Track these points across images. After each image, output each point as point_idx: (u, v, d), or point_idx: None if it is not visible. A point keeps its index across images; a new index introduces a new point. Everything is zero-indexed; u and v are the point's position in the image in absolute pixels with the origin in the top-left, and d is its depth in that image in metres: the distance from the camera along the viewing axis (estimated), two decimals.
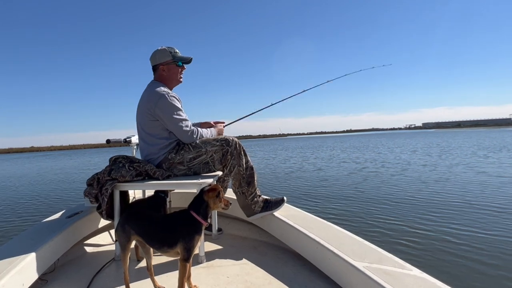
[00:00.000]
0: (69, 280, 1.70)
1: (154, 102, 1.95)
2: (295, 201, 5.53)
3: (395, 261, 1.40)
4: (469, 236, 3.43)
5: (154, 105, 1.95)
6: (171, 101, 1.96)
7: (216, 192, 1.45)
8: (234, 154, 2.03)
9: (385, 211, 4.60)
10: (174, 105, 1.97)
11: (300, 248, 1.80)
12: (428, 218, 4.13)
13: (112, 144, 2.54)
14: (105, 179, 1.86)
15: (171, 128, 1.99)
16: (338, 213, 4.66)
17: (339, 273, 1.48)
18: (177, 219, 1.42)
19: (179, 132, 1.99)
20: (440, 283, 1.21)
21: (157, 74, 2.11)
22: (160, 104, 1.94)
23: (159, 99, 1.95)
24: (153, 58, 2.10)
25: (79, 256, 2.03)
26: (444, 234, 3.51)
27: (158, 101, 1.94)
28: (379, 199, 5.47)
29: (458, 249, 3.10)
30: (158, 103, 1.94)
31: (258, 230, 2.26)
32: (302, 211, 2.13)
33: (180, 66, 2.11)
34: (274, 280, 1.61)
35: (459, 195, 5.44)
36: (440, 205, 4.80)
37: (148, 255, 1.51)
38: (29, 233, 1.81)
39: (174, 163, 2.01)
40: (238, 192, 2.10)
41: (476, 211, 4.40)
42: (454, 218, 4.10)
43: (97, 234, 2.36)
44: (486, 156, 12.10)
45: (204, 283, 1.59)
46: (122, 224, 1.46)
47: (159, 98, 1.95)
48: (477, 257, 2.88)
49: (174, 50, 2.09)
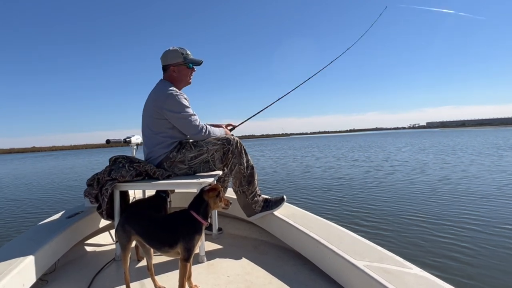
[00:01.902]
0: (69, 280, 1.70)
1: (162, 101, 1.96)
2: (295, 200, 5.53)
3: (396, 260, 1.40)
4: (469, 236, 3.43)
5: (162, 104, 1.96)
6: (179, 99, 1.98)
7: (216, 192, 1.45)
8: (235, 153, 2.04)
9: (385, 210, 4.60)
10: (182, 103, 1.98)
11: (301, 247, 1.80)
12: (429, 218, 4.12)
13: (112, 144, 2.54)
14: (105, 179, 1.86)
15: (180, 125, 2.00)
16: (338, 212, 4.66)
17: (340, 272, 1.48)
18: (177, 219, 1.42)
19: (189, 127, 2.00)
20: (441, 281, 1.21)
21: (166, 74, 2.13)
22: (169, 102, 1.96)
23: (167, 98, 1.96)
24: (164, 58, 2.11)
25: (80, 256, 2.03)
26: (445, 233, 3.50)
27: (167, 100, 1.96)
28: (379, 198, 5.47)
29: (459, 248, 3.09)
30: (166, 101, 1.96)
31: (258, 229, 2.26)
32: (302, 210, 2.13)
33: (191, 68, 2.13)
34: (275, 280, 1.61)
35: (463, 194, 5.44)
36: (440, 205, 4.80)
37: (149, 255, 1.51)
38: (29, 233, 1.81)
39: (175, 162, 2.01)
40: (238, 191, 2.10)
41: (477, 211, 4.40)
42: (455, 218, 4.10)
43: (97, 234, 2.36)
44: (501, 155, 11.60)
45: (204, 282, 1.59)
46: (122, 224, 1.46)
47: (167, 97, 1.96)
48: (477, 256, 2.88)
49: (186, 52, 2.11)
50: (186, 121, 1.98)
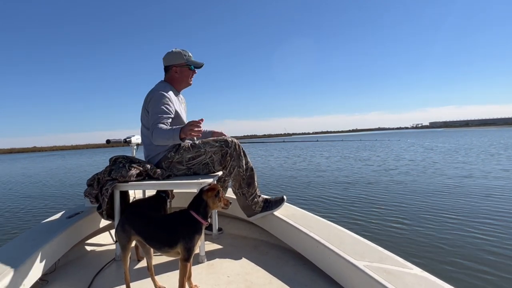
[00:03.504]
0: (69, 280, 1.70)
1: (148, 101, 2.00)
2: (294, 200, 5.53)
3: (396, 260, 1.40)
4: (470, 236, 3.42)
5: (147, 103, 2.00)
6: (161, 98, 1.96)
7: (215, 192, 1.45)
8: (233, 155, 2.03)
9: (386, 210, 4.60)
10: (160, 106, 1.93)
11: (301, 247, 1.79)
12: (429, 218, 4.12)
13: (112, 144, 2.54)
14: (105, 179, 1.86)
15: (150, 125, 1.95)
16: (338, 212, 4.66)
17: (340, 272, 1.47)
18: (177, 219, 1.42)
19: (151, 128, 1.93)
20: (441, 281, 1.21)
21: (168, 75, 2.15)
22: (152, 102, 1.98)
23: (153, 96, 1.99)
24: (166, 59, 2.13)
25: (80, 256, 2.03)
26: (445, 234, 3.50)
27: (151, 100, 1.99)
28: (379, 198, 5.46)
29: (459, 248, 3.09)
30: (150, 101, 1.98)
31: (258, 229, 2.26)
32: (302, 210, 2.13)
33: (192, 70, 2.16)
34: (275, 280, 1.61)
35: (464, 195, 5.43)
36: (440, 204, 4.80)
37: (149, 255, 1.51)
38: (29, 233, 1.81)
39: (173, 162, 2.01)
40: (238, 193, 2.10)
41: (479, 211, 4.39)
42: (455, 217, 4.10)
43: (97, 234, 2.36)
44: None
45: (204, 282, 1.59)
46: (122, 224, 1.46)
47: (152, 97, 1.99)
48: (478, 257, 2.88)
49: (188, 54, 2.14)
50: (152, 124, 1.91)
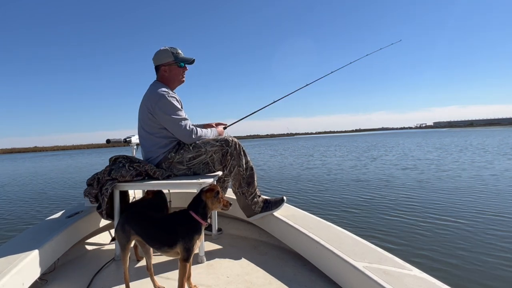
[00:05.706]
0: (69, 280, 1.70)
1: (155, 102, 1.97)
2: (294, 200, 5.53)
3: (395, 261, 1.40)
4: (470, 236, 3.42)
5: (154, 105, 1.97)
6: (171, 101, 1.98)
7: (214, 192, 1.45)
8: (234, 154, 2.03)
9: (386, 211, 4.59)
10: (174, 105, 1.98)
11: (300, 248, 1.80)
12: (429, 218, 4.12)
13: (112, 144, 2.55)
14: (105, 179, 1.86)
15: (171, 128, 2.00)
16: (338, 213, 4.66)
17: (339, 273, 1.48)
18: (176, 219, 1.42)
19: (179, 131, 1.99)
20: (440, 283, 1.21)
21: (159, 75, 2.14)
22: (160, 104, 1.96)
23: (159, 99, 1.97)
24: (155, 59, 2.12)
25: (79, 256, 2.03)
26: (445, 235, 3.50)
27: (159, 101, 1.96)
28: (379, 198, 5.46)
29: (459, 249, 3.09)
30: (158, 103, 1.96)
31: (258, 230, 2.26)
32: (302, 211, 2.13)
33: (182, 67, 2.12)
34: (274, 280, 1.61)
35: (464, 195, 5.43)
36: (440, 204, 4.79)
37: (148, 255, 1.51)
38: (29, 232, 1.81)
39: (173, 163, 2.01)
40: (238, 192, 2.10)
41: (479, 211, 4.39)
42: (456, 217, 4.09)
43: (97, 234, 2.36)
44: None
45: (204, 283, 1.59)
46: (122, 224, 1.46)
47: (159, 98, 1.97)
48: (478, 258, 2.88)
49: (177, 51, 2.10)
50: (176, 124, 1.98)
